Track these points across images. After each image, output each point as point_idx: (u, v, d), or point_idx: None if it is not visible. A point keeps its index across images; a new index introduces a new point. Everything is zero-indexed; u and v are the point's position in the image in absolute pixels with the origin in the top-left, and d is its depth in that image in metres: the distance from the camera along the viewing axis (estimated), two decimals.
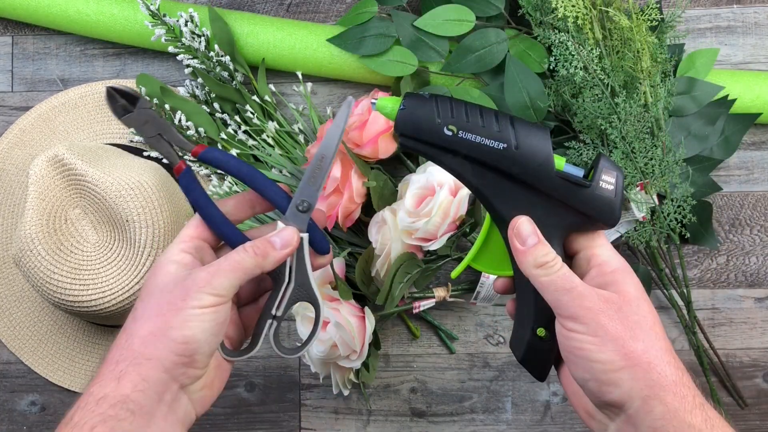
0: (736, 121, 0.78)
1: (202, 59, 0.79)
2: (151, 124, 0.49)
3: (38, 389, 0.82)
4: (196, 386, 0.47)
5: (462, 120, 0.46)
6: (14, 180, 0.84)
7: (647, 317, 0.44)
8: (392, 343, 0.82)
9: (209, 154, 0.49)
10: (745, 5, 0.84)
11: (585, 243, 0.48)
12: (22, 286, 0.83)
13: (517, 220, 0.47)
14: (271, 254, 0.48)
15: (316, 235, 0.51)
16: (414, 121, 0.46)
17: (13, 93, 0.87)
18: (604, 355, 0.43)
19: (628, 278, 0.46)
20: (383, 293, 0.71)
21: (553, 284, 0.45)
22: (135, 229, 0.73)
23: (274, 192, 0.50)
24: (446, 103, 0.46)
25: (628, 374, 0.43)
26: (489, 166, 0.46)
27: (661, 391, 0.42)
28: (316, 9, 0.85)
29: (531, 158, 0.46)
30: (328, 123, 0.74)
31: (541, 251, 0.45)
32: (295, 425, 0.81)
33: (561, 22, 0.73)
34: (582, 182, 0.46)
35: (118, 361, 0.45)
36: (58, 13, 0.82)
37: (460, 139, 0.46)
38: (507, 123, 0.46)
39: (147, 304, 0.47)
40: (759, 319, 0.81)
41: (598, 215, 0.46)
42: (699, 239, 0.79)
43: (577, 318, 0.44)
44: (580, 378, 0.45)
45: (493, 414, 0.80)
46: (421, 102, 0.46)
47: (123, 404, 0.43)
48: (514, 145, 0.45)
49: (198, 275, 0.46)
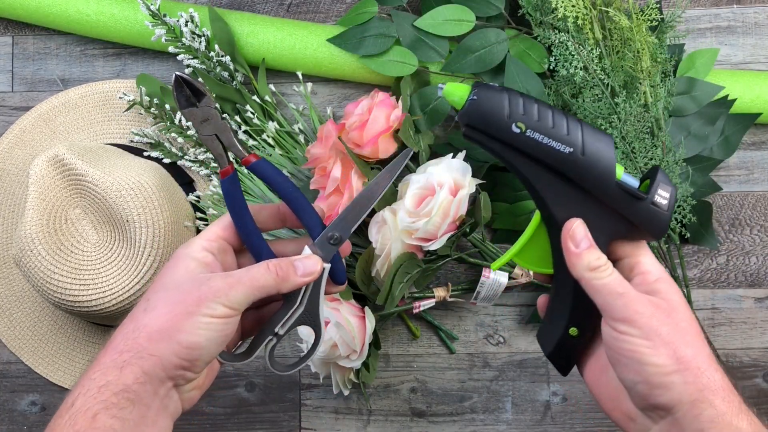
0: (736, 121, 0.78)
1: (203, 59, 0.79)
2: (210, 123, 0.48)
3: (38, 389, 0.82)
4: (188, 386, 0.48)
5: (532, 118, 0.45)
6: (14, 180, 0.84)
7: (693, 325, 0.46)
8: (392, 343, 0.82)
9: (260, 166, 0.49)
10: (745, 5, 0.84)
11: (630, 251, 0.48)
12: (22, 286, 0.83)
13: (572, 222, 0.47)
14: (291, 278, 0.48)
15: (338, 266, 0.51)
16: (483, 113, 0.45)
17: (13, 93, 0.87)
18: (657, 358, 0.44)
19: (671, 288, 0.47)
20: (383, 293, 0.71)
21: (606, 288, 0.46)
22: (135, 229, 0.73)
23: (310, 216, 0.50)
24: (517, 98, 0.45)
25: (680, 378, 0.43)
26: (551, 167, 0.46)
27: (711, 395, 0.43)
28: (316, 9, 0.85)
29: (595, 165, 0.45)
30: (328, 123, 0.74)
31: (594, 255, 0.46)
32: (295, 425, 0.81)
33: (561, 22, 0.73)
34: (640, 195, 0.46)
35: (122, 351, 0.45)
36: (58, 13, 0.82)
37: (528, 137, 0.45)
38: (576, 126, 0.45)
39: (160, 298, 0.47)
40: (759, 319, 0.81)
41: (647, 227, 0.46)
42: (699, 239, 0.79)
43: (630, 321, 0.45)
44: (630, 380, 0.45)
45: (493, 414, 0.80)
46: (492, 94, 0.45)
47: (124, 393, 0.44)
48: (581, 150, 0.45)
49: (216, 283, 0.46)
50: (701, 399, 0.43)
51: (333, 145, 0.73)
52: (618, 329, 0.45)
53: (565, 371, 0.52)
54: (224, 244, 0.50)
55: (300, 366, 0.52)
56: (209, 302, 0.45)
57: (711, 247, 0.80)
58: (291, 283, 0.48)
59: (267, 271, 0.47)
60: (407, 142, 0.74)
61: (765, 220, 0.82)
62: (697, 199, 0.78)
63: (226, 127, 0.49)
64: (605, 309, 0.46)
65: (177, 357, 0.45)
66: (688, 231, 0.78)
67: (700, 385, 0.43)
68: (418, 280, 0.74)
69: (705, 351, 0.45)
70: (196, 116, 0.48)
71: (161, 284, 0.47)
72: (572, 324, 0.49)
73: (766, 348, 0.81)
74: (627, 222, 0.47)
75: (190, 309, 0.45)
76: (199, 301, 0.45)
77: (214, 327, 0.45)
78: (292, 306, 0.50)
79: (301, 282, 0.48)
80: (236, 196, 0.49)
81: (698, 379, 0.43)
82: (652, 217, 0.46)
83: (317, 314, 0.50)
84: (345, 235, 0.50)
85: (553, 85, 0.75)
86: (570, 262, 0.47)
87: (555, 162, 0.45)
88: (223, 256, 0.50)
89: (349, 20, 0.79)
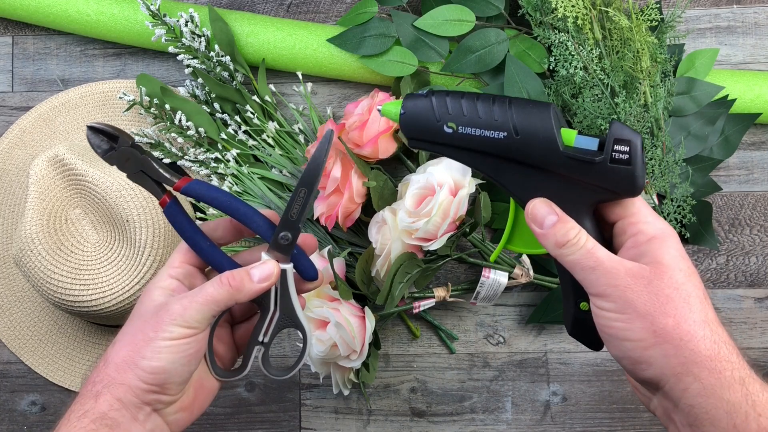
0: (736, 121, 0.78)
1: (203, 59, 0.79)
2: (132, 161, 0.49)
3: (38, 389, 0.82)
4: (171, 410, 0.49)
5: (459, 115, 0.46)
6: (15, 180, 0.84)
7: (680, 289, 0.42)
8: (392, 343, 0.82)
9: (191, 187, 0.49)
10: (745, 5, 0.84)
11: (620, 212, 0.46)
12: (22, 286, 0.83)
13: (530, 204, 0.46)
14: (246, 287, 0.48)
15: (304, 263, 0.51)
16: (415, 123, 0.47)
17: (13, 93, 0.87)
18: (632, 333, 0.42)
19: (663, 247, 0.43)
20: (383, 293, 0.71)
21: (578, 264, 0.44)
22: (135, 229, 0.73)
23: (257, 223, 0.50)
24: (442, 99, 0.46)
25: (659, 351, 0.41)
26: (495, 156, 0.46)
27: (695, 367, 0.41)
28: (316, 9, 0.85)
29: (533, 142, 0.45)
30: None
31: (561, 230, 0.44)
32: (295, 425, 0.81)
33: (561, 22, 0.73)
34: (590, 158, 0.44)
35: (95, 382, 0.47)
36: (58, 13, 0.82)
37: (461, 134, 0.46)
38: (505, 108, 0.45)
39: (126, 330, 0.48)
40: (759, 319, 0.81)
41: (616, 188, 0.44)
42: (699, 239, 0.79)
43: (605, 296, 0.43)
44: (615, 356, 0.44)
45: (493, 414, 0.80)
46: (419, 102, 0.47)
47: (102, 420, 0.45)
48: (514, 132, 0.45)
49: (172, 307, 0.47)
50: (684, 372, 0.41)
51: (333, 145, 0.73)
52: (596, 304, 0.44)
53: (594, 346, 0.49)
54: (190, 268, 0.51)
55: (296, 368, 0.52)
56: (166, 326, 0.46)
57: (711, 247, 0.80)
58: (247, 292, 0.48)
59: (220, 284, 0.48)
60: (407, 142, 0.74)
61: (765, 220, 0.82)
62: (697, 199, 0.78)
63: (146, 161, 0.49)
64: (583, 284, 0.44)
65: (143, 382, 0.46)
66: (688, 231, 0.78)
67: (682, 358, 0.41)
68: (418, 280, 0.74)
69: (691, 318, 0.41)
70: (118, 159, 0.49)
71: (130, 318, 0.49)
72: (581, 299, 0.48)
73: (766, 348, 0.81)
74: (596, 187, 0.44)
75: (148, 335, 0.46)
76: (156, 326, 0.46)
77: (175, 349, 0.46)
78: (268, 312, 0.50)
79: (258, 288, 0.48)
80: (181, 222, 0.50)
81: (679, 351, 0.41)
82: (616, 176, 0.43)
83: (295, 315, 0.51)
84: (294, 232, 0.49)
85: (553, 85, 0.75)
86: (541, 243, 0.46)
87: (496, 150, 0.46)
88: (190, 280, 0.51)
89: (349, 20, 0.79)
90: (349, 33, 0.78)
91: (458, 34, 0.77)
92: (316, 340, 0.70)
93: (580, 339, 0.50)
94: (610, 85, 0.73)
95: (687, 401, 0.41)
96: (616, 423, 0.80)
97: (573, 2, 0.71)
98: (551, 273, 0.78)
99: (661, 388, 0.43)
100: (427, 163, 0.73)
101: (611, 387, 0.80)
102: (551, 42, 0.74)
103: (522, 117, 0.45)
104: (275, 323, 0.51)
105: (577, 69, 0.72)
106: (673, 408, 0.43)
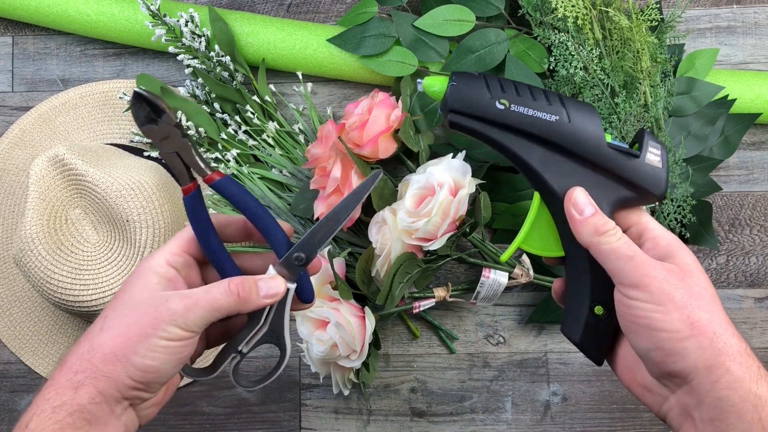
0: (736, 121, 0.78)
1: (203, 59, 0.79)
2: (170, 141, 0.47)
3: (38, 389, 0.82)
4: (145, 404, 0.47)
5: (513, 94, 0.46)
6: (15, 180, 0.84)
7: (708, 289, 0.44)
8: (392, 343, 0.82)
9: (223, 183, 0.48)
10: (745, 5, 0.84)
11: (635, 218, 0.48)
12: (22, 286, 0.83)
13: (573, 190, 0.47)
14: (252, 299, 0.47)
15: (305, 284, 0.50)
16: (465, 97, 0.47)
17: (13, 93, 0.87)
18: (669, 323, 0.42)
19: (684, 252, 0.45)
20: (383, 293, 0.71)
21: (616, 252, 0.45)
22: (135, 229, 0.73)
23: (275, 235, 0.49)
24: (495, 80, 0.47)
25: (694, 343, 0.42)
26: (541, 139, 0.47)
27: (728, 360, 0.42)
28: (316, 9, 0.85)
29: (583, 130, 0.46)
30: (328, 123, 0.74)
31: (600, 220, 0.46)
32: (295, 425, 0.81)
33: (561, 22, 0.73)
34: (632, 152, 0.46)
35: (77, 371, 0.44)
36: (58, 13, 0.82)
37: (513, 112, 0.46)
38: (557, 98, 0.47)
39: (117, 317, 0.46)
40: (759, 319, 0.81)
41: (648, 186, 0.47)
42: (699, 239, 0.79)
43: (641, 286, 0.43)
44: (643, 348, 0.44)
45: (493, 414, 0.80)
46: (471, 78, 0.47)
47: (80, 413, 0.43)
48: (567, 118, 0.46)
49: (173, 304, 0.45)
50: (717, 365, 0.41)
51: (333, 145, 0.73)
52: (629, 295, 0.44)
53: (599, 359, 0.49)
54: (188, 258, 0.49)
55: (265, 383, 0.50)
56: (165, 325, 0.44)
57: (711, 247, 0.80)
58: (252, 304, 0.47)
59: (227, 292, 0.46)
60: (407, 142, 0.74)
61: (765, 220, 0.82)
62: (697, 199, 0.78)
63: (186, 145, 0.47)
64: (616, 275, 0.45)
65: (131, 379, 0.44)
66: (688, 231, 0.78)
67: (716, 350, 0.42)
68: (418, 280, 0.74)
69: (721, 315, 0.43)
70: (155, 134, 0.47)
71: (120, 301, 0.46)
72: (595, 301, 0.48)
73: (766, 348, 0.81)
74: (627, 184, 0.47)
75: (146, 331, 0.44)
76: (155, 324, 0.44)
77: (170, 350, 0.45)
78: (256, 325, 0.49)
79: (262, 303, 0.47)
80: (199, 213, 0.48)
81: (713, 344, 0.42)
82: (649, 175, 0.47)
83: (282, 334, 0.49)
84: (311, 256, 0.48)
85: (553, 85, 0.75)
86: (576, 230, 0.46)
87: (544, 132, 0.46)
88: (187, 271, 0.49)
89: (349, 20, 0.79)
90: (349, 33, 0.78)
91: (458, 34, 0.77)
92: (316, 340, 0.70)
93: (587, 348, 0.49)
94: (610, 85, 0.73)
95: (716, 394, 0.42)
96: (616, 423, 0.80)
97: (573, 2, 0.71)
98: (551, 273, 0.78)
99: (688, 381, 0.43)
100: (427, 163, 0.73)
101: (611, 387, 0.80)
102: (551, 42, 0.74)
103: (573, 107, 0.47)
104: (259, 337, 0.49)
105: (577, 69, 0.72)
106: (697, 403, 0.43)
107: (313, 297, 0.51)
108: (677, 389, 0.44)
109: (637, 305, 0.44)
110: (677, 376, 0.43)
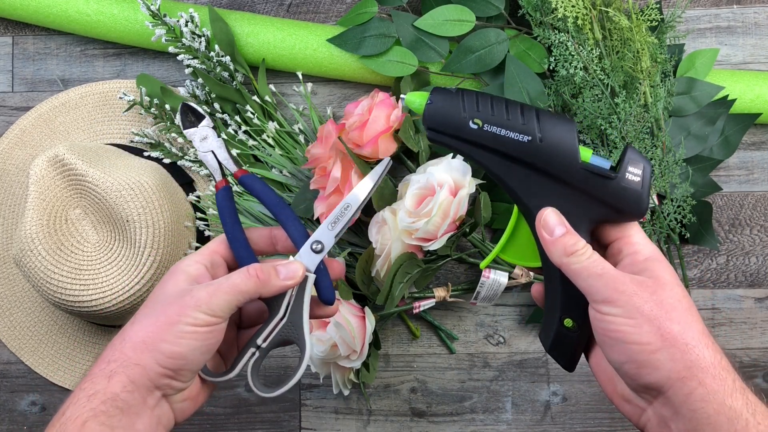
0: (736, 121, 0.78)
1: (203, 59, 0.79)
2: (208, 140, 0.54)
3: (38, 389, 0.82)
4: (178, 397, 0.48)
5: (487, 113, 0.47)
6: (15, 180, 0.84)
7: (682, 301, 0.44)
8: (392, 343, 0.82)
9: (249, 178, 0.53)
10: (745, 5, 0.84)
11: (617, 233, 0.48)
12: (22, 286, 0.83)
13: (543, 211, 0.47)
14: (272, 281, 0.48)
15: (324, 281, 0.52)
16: (441, 115, 0.47)
17: (13, 93, 0.87)
18: (640, 336, 0.43)
19: (661, 266, 0.46)
20: (383, 293, 0.71)
21: (585, 270, 0.45)
22: (135, 229, 0.73)
23: (296, 229, 0.52)
24: (472, 97, 0.47)
25: (666, 355, 0.42)
26: (514, 159, 0.47)
27: (700, 372, 0.42)
28: (316, 9, 0.85)
29: (555, 150, 0.46)
30: (328, 123, 0.74)
31: (570, 240, 0.46)
32: (295, 425, 0.81)
33: (561, 22, 0.73)
34: (607, 174, 0.46)
35: (110, 360, 0.46)
36: (58, 13, 0.82)
37: (486, 132, 0.47)
38: (532, 115, 0.46)
39: (147, 311, 0.48)
40: (759, 319, 0.81)
41: (624, 207, 0.46)
42: (699, 239, 0.79)
43: (612, 301, 0.44)
44: (617, 361, 0.45)
45: (493, 414, 0.80)
46: (448, 96, 0.47)
47: (113, 402, 0.45)
48: (539, 137, 0.46)
49: (198, 293, 0.47)
50: (689, 377, 0.42)
51: (333, 145, 0.73)
52: (601, 311, 0.44)
53: (569, 366, 0.51)
54: (217, 258, 0.51)
55: (285, 389, 0.50)
56: (191, 311, 0.46)
57: (711, 248, 0.80)
58: (272, 287, 0.48)
59: (247, 275, 0.48)
60: (407, 142, 0.74)
61: (765, 220, 0.82)
62: (697, 199, 0.78)
63: (221, 144, 0.54)
64: (588, 292, 0.45)
65: (160, 366, 0.46)
66: (688, 231, 0.78)
67: (688, 362, 0.42)
68: (418, 280, 0.74)
69: (695, 327, 0.43)
70: (198, 134, 0.55)
71: (152, 298, 0.49)
72: (565, 315, 0.49)
73: (766, 348, 0.81)
74: (605, 204, 0.47)
75: (172, 319, 0.46)
76: (181, 311, 0.46)
77: (197, 336, 0.46)
78: (276, 316, 0.50)
79: (283, 285, 0.49)
80: (229, 207, 0.53)
81: (685, 356, 0.42)
82: (626, 196, 0.46)
83: (301, 326, 0.50)
84: (328, 242, 0.51)
85: (553, 85, 0.75)
86: (547, 250, 0.47)
87: (517, 152, 0.46)
88: (215, 269, 0.51)
89: (349, 20, 0.79)
90: (349, 33, 0.78)
91: (458, 34, 0.77)
92: (316, 339, 0.70)
93: (557, 357, 0.51)
94: (610, 85, 0.73)
95: (690, 406, 0.42)
96: (616, 423, 0.80)
97: (573, 2, 0.71)
98: None
99: (663, 393, 0.43)
100: (427, 163, 0.73)
101: None
102: (551, 42, 0.74)
103: (548, 125, 0.46)
104: (278, 330, 0.50)
105: (577, 69, 0.72)
106: (673, 415, 0.43)
107: (333, 296, 0.52)
108: (654, 401, 0.45)
109: (609, 320, 0.44)
110: (652, 388, 0.44)
